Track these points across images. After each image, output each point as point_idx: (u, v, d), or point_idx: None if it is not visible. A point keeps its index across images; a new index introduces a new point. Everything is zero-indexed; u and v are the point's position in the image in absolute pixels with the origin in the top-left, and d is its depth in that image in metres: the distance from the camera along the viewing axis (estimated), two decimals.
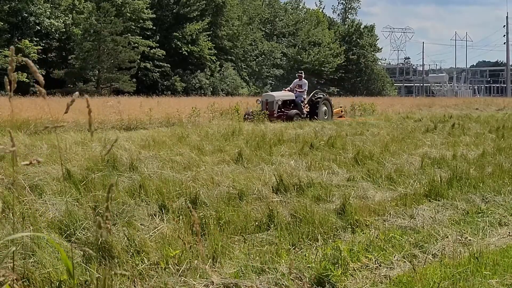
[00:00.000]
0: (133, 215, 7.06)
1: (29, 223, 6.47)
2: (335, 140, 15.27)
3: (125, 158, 11.16)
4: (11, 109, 18.02)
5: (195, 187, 8.63)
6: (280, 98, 28.50)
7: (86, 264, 5.44)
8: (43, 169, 9.76)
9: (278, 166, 11.12)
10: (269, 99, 28.43)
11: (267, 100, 28.28)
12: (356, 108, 37.46)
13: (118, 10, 68.34)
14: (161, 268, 5.55)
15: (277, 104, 27.86)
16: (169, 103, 34.59)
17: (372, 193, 9.23)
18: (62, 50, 68.63)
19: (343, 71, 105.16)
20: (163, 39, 76.87)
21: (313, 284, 5.42)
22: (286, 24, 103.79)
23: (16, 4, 64.22)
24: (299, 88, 29.77)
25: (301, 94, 29.39)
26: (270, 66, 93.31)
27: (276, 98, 28.20)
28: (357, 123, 24.73)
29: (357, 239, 6.74)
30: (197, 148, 13.55)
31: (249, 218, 7.23)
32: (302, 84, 30.11)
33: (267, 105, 27.88)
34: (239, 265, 5.74)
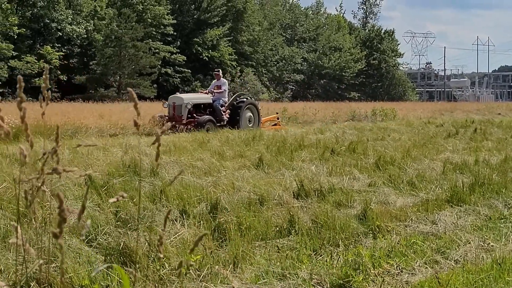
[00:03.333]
0: (154, 220, 7.07)
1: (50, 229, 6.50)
2: (356, 145, 15.22)
3: (146, 163, 11.19)
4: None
5: (216, 192, 8.63)
6: (190, 101, 23.85)
7: (107, 269, 5.45)
8: (64, 174, 9.80)
9: (299, 172, 11.11)
10: (177, 102, 23.81)
11: (175, 104, 23.76)
12: (378, 113, 37.31)
13: (139, 16, 68.63)
14: (182, 274, 5.55)
15: (186, 108, 23.30)
16: None
17: (393, 199, 9.19)
18: (84, 56, 69.00)
19: (364, 76, 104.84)
20: (183, 44, 77.05)
21: None
22: (306, 29, 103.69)
23: (38, 11, 64.69)
24: (217, 89, 25.21)
25: (220, 97, 24.96)
26: (291, 71, 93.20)
27: (185, 101, 23.54)
28: (379, 128, 24.60)
29: (378, 244, 6.70)
30: (218, 153, 13.56)
31: (270, 224, 7.22)
32: (221, 84, 25.53)
33: (174, 110, 23.59)
34: (260, 271, 5.73)
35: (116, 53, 62.33)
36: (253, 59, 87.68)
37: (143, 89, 62.25)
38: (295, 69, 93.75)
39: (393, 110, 38.75)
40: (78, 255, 5.81)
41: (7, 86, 58.84)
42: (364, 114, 37.07)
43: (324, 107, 41.54)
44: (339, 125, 28.40)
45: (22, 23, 62.94)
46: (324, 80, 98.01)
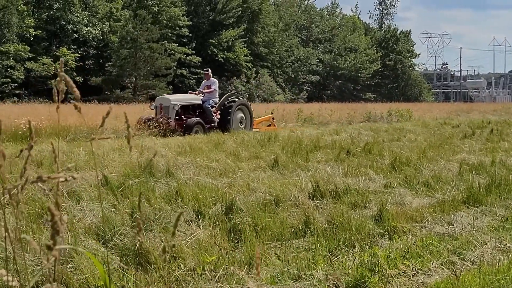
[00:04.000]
0: (170, 221, 7.08)
1: (66, 229, 6.51)
2: (372, 146, 15.19)
3: (162, 164, 11.22)
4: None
5: (231, 193, 8.63)
6: (178, 102, 22.57)
7: (123, 270, 5.46)
8: (80, 175, 9.84)
9: (314, 173, 11.09)
10: (164, 103, 22.59)
11: (161, 105, 22.54)
12: (393, 114, 37.23)
13: (155, 18, 68.85)
14: (198, 274, 5.55)
15: (174, 110, 22.08)
16: None
17: (409, 200, 9.15)
18: (100, 57, 69.31)
19: (380, 77, 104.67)
20: (199, 46, 77.22)
21: None
22: (322, 30, 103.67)
23: (54, 13, 65.04)
24: (207, 89, 23.99)
25: (210, 97, 23.69)
26: (306, 73, 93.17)
27: (172, 103, 22.30)
28: (394, 129, 24.53)
29: (394, 245, 6.68)
30: (233, 154, 13.57)
31: (285, 225, 7.21)
32: (211, 84, 24.14)
33: (161, 111, 22.23)
34: (276, 272, 5.72)
35: (131, 54, 62.53)
36: (269, 60, 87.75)
37: (159, 90, 62.37)
38: (310, 70, 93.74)
39: (409, 111, 38.66)
40: (94, 256, 5.83)
41: (23, 88, 59.19)
42: (380, 115, 36.98)
43: (339, 108, 41.49)
44: (355, 126, 28.35)
45: (38, 25, 63.36)
46: (340, 81, 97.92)
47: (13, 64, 59.40)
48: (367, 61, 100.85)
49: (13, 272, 5.16)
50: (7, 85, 57.93)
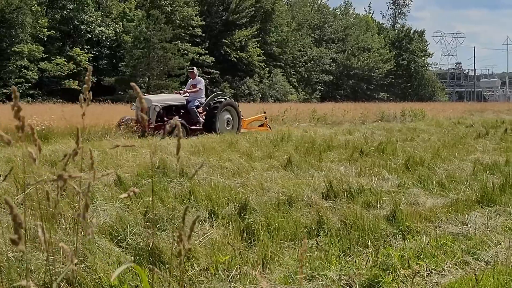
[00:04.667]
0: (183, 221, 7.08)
1: (80, 229, 6.53)
2: (385, 146, 15.15)
3: (175, 164, 11.23)
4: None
5: (245, 193, 8.63)
6: (159, 102, 21.27)
7: None
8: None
9: (327, 172, 11.08)
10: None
11: None
12: (407, 113, 37.11)
13: (168, 18, 68.90)
14: (211, 274, 5.56)
15: (155, 111, 20.77)
16: None
17: (423, 199, 9.13)
18: (113, 57, 69.43)
19: (393, 77, 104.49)
20: (212, 46, 77.26)
21: None
22: (335, 30, 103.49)
23: (67, 13, 65.22)
24: (193, 88, 22.73)
25: (195, 97, 22.43)
26: (319, 72, 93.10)
27: (153, 103, 20.90)
28: (408, 128, 24.46)
29: (408, 245, 6.66)
30: (246, 154, 13.56)
31: (299, 224, 7.21)
32: (197, 83, 22.88)
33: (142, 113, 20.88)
34: (289, 271, 5.72)
35: (145, 54, 62.61)
36: (282, 60, 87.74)
37: (172, 90, 62.44)
38: (323, 70, 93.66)
39: (422, 111, 38.51)
40: (108, 255, 5.85)
41: (37, 88, 59.40)
42: (393, 115, 36.86)
43: (352, 108, 41.40)
44: (368, 125, 28.25)
45: (51, 25, 63.55)
46: (353, 80, 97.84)
47: (27, 64, 59.62)
48: (380, 61, 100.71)
49: (27, 272, 5.19)
50: (21, 85, 58.09)
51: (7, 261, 5.38)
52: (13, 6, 58.37)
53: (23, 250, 2.02)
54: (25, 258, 5.10)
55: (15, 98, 2.36)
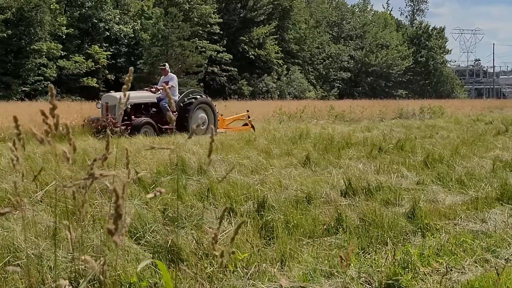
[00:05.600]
0: (202, 218, 7.09)
1: (99, 226, 6.54)
2: (404, 143, 15.09)
3: (193, 161, 11.23)
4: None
5: (263, 190, 8.62)
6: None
7: (155, 267, 5.48)
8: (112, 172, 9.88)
9: (346, 170, 11.05)
10: (110, 102, 19.78)
11: (107, 104, 19.80)
12: (425, 111, 36.99)
13: (186, 15, 69.01)
14: (230, 271, 5.55)
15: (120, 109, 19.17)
16: (237, 107, 34.71)
17: (442, 197, 9.09)
18: (131, 55, 69.66)
19: (411, 74, 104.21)
20: (230, 43, 77.33)
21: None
22: (353, 26, 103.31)
23: (86, 11, 65.50)
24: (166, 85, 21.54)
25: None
26: (337, 69, 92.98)
27: (119, 101, 17.76)
28: (426, 126, 24.35)
29: (427, 243, 6.63)
30: (265, 151, 13.55)
31: (317, 222, 7.19)
32: (169, 80, 21.45)
33: (107, 111, 19.61)
34: (308, 269, 5.70)
35: (163, 52, 62.74)
36: (300, 57, 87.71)
37: (190, 87, 62.57)
38: (341, 67, 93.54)
39: (441, 108, 38.38)
40: (127, 253, 5.86)
41: (55, 86, 59.51)
42: (412, 112, 36.79)
43: (371, 105, 41.34)
44: (387, 123, 28.18)
45: (70, 23, 63.88)
46: (371, 77, 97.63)
47: (46, 62, 59.95)
48: (399, 58, 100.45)
49: (46, 269, 5.21)
50: (39, 83, 58.45)
51: (27, 258, 5.39)
52: (32, 4, 58.70)
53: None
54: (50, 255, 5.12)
55: (52, 96, 2.39)
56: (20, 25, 59.21)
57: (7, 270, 5.24)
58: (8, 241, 5.85)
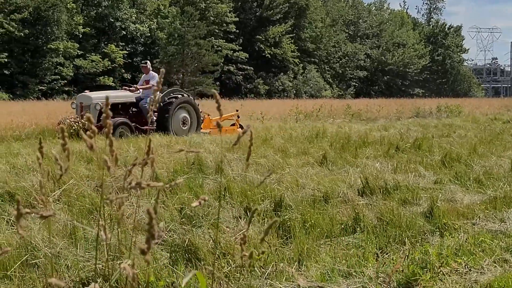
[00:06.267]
0: (219, 218, 7.07)
1: (115, 225, 6.55)
2: (421, 142, 15.01)
3: (210, 160, 11.23)
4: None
5: (280, 189, 8.60)
6: (100, 100, 18.56)
7: (172, 266, 5.47)
8: (123, 172, 9.88)
9: (363, 169, 11.00)
10: (84, 102, 18.81)
11: (82, 104, 18.80)
12: (442, 109, 36.84)
13: (202, 14, 69.15)
14: (247, 271, 5.53)
15: (95, 110, 18.26)
16: (253, 106, 34.69)
17: (460, 196, 9.03)
18: (147, 54, 69.85)
19: (428, 72, 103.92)
20: (246, 42, 77.40)
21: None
22: (369, 25, 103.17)
23: (102, 10, 65.79)
24: (146, 84, 20.08)
25: (148, 94, 19.53)
26: (354, 68, 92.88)
27: (93, 101, 18.56)
28: (444, 124, 24.24)
29: (445, 243, 6.58)
30: (281, 150, 13.52)
31: (335, 221, 7.16)
32: (150, 78, 20.17)
33: (81, 112, 18.46)
34: (325, 268, 5.68)
35: (179, 51, 62.87)
36: (316, 56, 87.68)
37: (206, 86, 62.65)
38: (358, 66, 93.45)
39: (458, 107, 38.21)
40: None
41: (72, 85, 59.96)
42: (429, 111, 36.63)
43: (387, 104, 41.22)
44: (403, 121, 28.09)
45: (87, 22, 64.21)
46: (388, 76, 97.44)
47: (63, 61, 60.27)
48: (415, 56, 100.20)
49: (65, 268, 5.21)
50: (56, 82, 58.78)
51: (44, 257, 5.40)
52: (49, 3, 58.98)
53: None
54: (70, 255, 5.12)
55: (107, 106, 2.41)
56: (37, 24, 59.52)
57: (27, 271, 5.25)
58: (25, 240, 5.86)
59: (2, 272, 5.24)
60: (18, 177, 9.21)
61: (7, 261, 5.34)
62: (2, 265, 5.32)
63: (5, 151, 12.51)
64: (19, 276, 5.17)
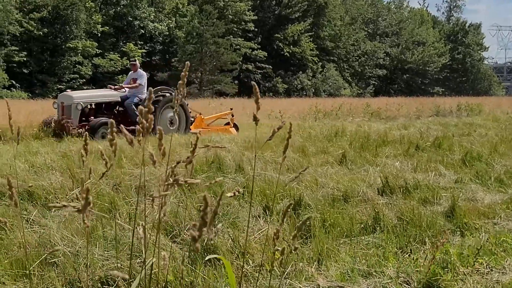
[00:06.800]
0: (237, 217, 7.05)
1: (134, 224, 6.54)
2: (441, 141, 14.93)
3: (229, 159, 11.20)
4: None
5: (299, 188, 8.56)
6: (82, 100, 18.21)
7: (191, 265, 5.45)
8: (148, 170, 9.88)
9: (383, 168, 10.94)
10: (66, 102, 18.24)
11: (63, 104, 18.25)
12: (462, 108, 36.64)
13: (220, 13, 69.28)
14: (266, 270, 5.50)
15: (77, 110, 17.83)
16: (271, 104, 34.64)
17: (481, 196, 8.96)
18: (166, 53, 70.07)
19: (448, 71, 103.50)
20: (264, 40, 77.40)
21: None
22: (389, 23, 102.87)
23: (121, 9, 66.08)
24: (133, 83, 19.43)
25: (135, 93, 19.14)
26: (373, 66, 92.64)
27: (75, 101, 18.05)
28: (464, 123, 24.10)
29: (466, 242, 6.53)
30: (300, 149, 13.47)
31: (354, 220, 7.12)
32: (138, 77, 19.54)
33: (63, 112, 18.12)
34: (345, 268, 5.64)
35: (197, 49, 63.01)
36: (335, 54, 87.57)
37: (224, 85, 62.80)
38: (377, 64, 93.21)
39: (479, 105, 38.01)
40: (163, 251, 5.83)
41: (91, 84, 60.28)
42: (449, 109, 36.46)
43: (407, 103, 41.06)
44: (423, 120, 27.97)
45: (105, 21, 64.53)
46: (407, 75, 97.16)
47: (81, 60, 60.59)
48: (435, 55, 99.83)
49: (83, 266, 5.20)
50: (75, 80, 59.08)
51: (64, 256, 5.40)
52: (68, 2, 59.30)
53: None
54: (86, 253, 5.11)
55: (149, 99, 2.42)
56: (56, 23, 59.85)
57: (45, 268, 5.25)
58: (44, 239, 5.86)
59: (21, 271, 5.24)
60: (37, 175, 9.23)
61: (26, 259, 5.34)
62: (21, 264, 5.32)
63: (24, 150, 12.55)
64: (38, 274, 5.17)
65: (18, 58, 56.97)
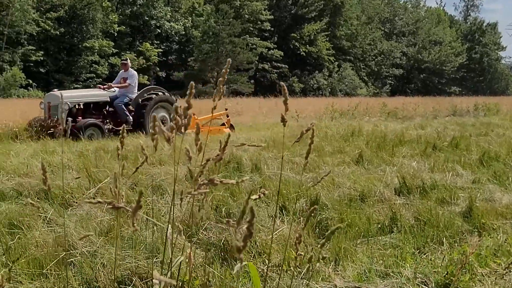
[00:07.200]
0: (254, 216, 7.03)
1: (151, 223, 6.54)
2: (458, 141, 14.86)
3: (245, 159, 11.19)
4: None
5: (315, 188, 8.54)
6: (69, 100, 17.80)
7: (207, 266, 5.44)
8: (165, 169, 9.89)
9: (400, 168, 10.90)
10: (52, 101, 17.77)
11: (50, 104, 17.81)
12: (480, 108, 36.46)
13: (237, 12, 69.35)
14: (283, 270, 5.49)
15: (64, 110, 17.01)
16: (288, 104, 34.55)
17: (499, 196, 8.90)
18: (182, 52, 70.23)
19: (465, 70, 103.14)
20: (281, 40, 77.42)
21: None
22: (406, 23, 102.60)
23: (138, 8, 66.31)
24: (123, 82, 19.15)
25: (125, 93, 18.92)
26: (390, 66, 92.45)
27: (62, 100, 17.86)
28: (481, 123, 23.98)
29: (484, 243, 6.49)
30: (317, 149, 13.44)
31: (371, 221, 7.09)
32: (128, 76, 19.24)
33: (49, 111, 17.71)
34: (362, 269, 5.62)
35: (213, 49, 63.11)
36: (351, 54, 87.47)
37: (241, 84, 62.84)
38: (393, 64, 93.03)
39: (496, 105, 37.81)
40: (179, 251, 5.83)
41: (107, 83, 60.48)
42: (466, 109, 36.28)
43: (423, 102, 40.92)
44: (440, 120, 27.85)
45: (122, 20, 64.79)
46: (424, 74, 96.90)
47: (98, 60, 60.87)
48: (452, 54, 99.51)
49: (101, 266, 5.21)
50: (91, 80, 59.35)
51: (80, 256, 5.41)
52: (84, 2, 59.58)
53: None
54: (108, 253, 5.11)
55: (190, 95, 2.42)
56: (73, 23, 60.17)
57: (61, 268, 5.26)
58: (62, 238, 5.87)
59: (38, 270, 5.26)
60: (54, 175, 9.27)
61: (43, 259, 5.35)
62: (38, 263, 5.33)
63: (40, 149, 12.60)
64: (55, 274, 5.18)
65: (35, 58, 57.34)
